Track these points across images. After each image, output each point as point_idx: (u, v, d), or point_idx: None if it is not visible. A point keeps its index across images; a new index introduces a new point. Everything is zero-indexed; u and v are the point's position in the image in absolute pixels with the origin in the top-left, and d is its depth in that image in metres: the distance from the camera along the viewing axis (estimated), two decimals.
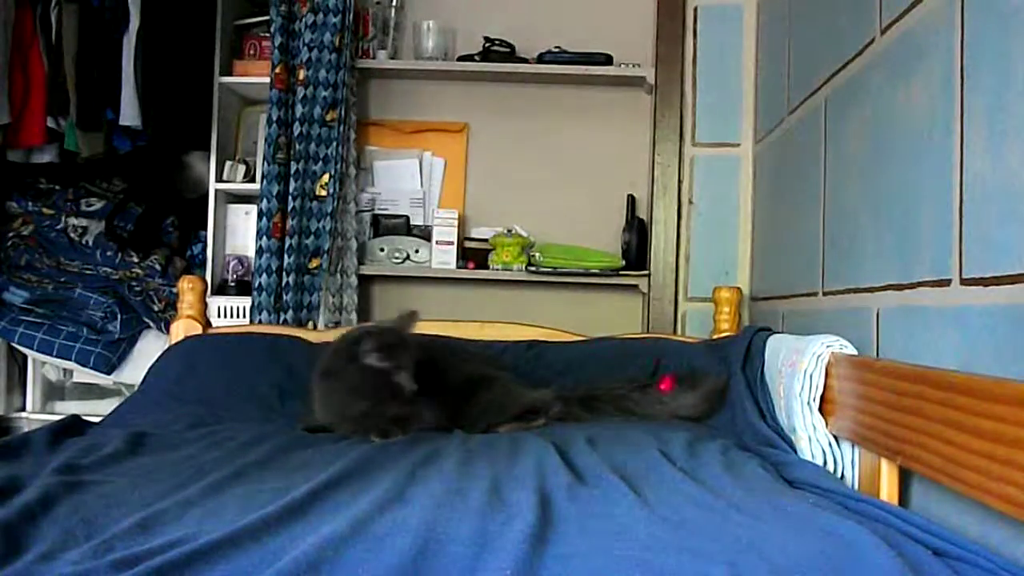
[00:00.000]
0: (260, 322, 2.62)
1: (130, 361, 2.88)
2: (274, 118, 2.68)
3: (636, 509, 1.08)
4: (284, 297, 2.65)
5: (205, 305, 2.39)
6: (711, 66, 2.68)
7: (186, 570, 0.82)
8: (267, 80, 2.71)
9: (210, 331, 2.35)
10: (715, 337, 2.37)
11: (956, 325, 1.20)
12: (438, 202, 2.96)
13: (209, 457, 1.41)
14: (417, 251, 2.82)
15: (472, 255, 2.82)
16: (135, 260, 3.03)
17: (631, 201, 2.81)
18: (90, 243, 3.04)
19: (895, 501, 1.30)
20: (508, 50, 2.85)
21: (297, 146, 2.68)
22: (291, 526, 0.98)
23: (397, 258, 2.82)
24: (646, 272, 2.72)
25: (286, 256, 2.66)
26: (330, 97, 2.70)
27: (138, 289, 2.98)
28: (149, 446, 1.52)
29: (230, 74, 2.88)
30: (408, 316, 1.76)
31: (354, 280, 2.78)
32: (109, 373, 2.87)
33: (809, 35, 2.04)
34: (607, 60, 2.80)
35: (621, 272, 2.72)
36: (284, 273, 2.65)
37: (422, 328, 2.38)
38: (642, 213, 2.81)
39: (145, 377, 2.19)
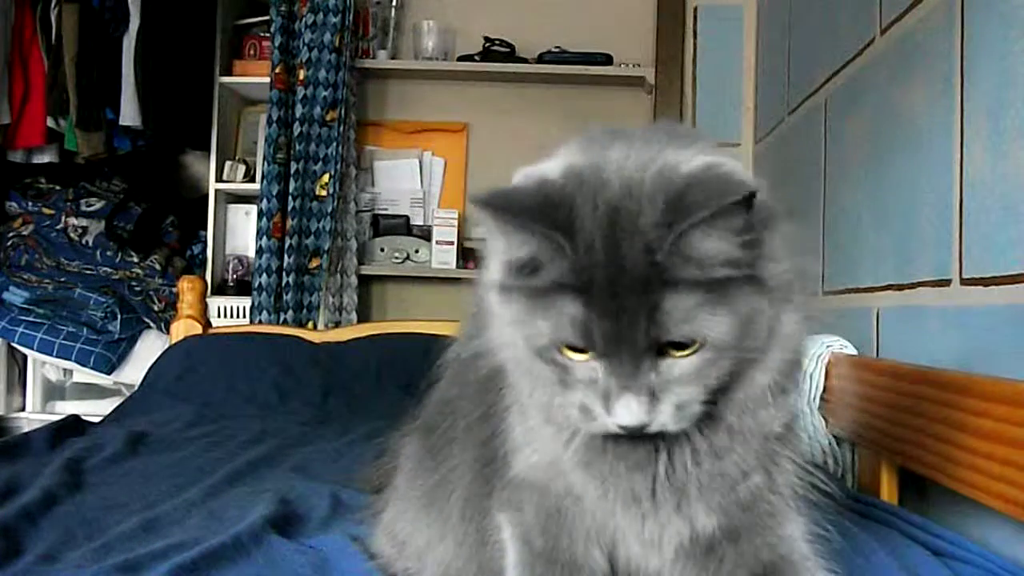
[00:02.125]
0: (260, 322, 2.62)
1: (130, 361, 2.87)
2: (274, 118, 2.68)
3: None
4: (284, 297, 2.65)
5: (205, 305, 2.39)
6: (711, 66, 2.67)
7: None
8: (267, 80, 2.71)
9: (210, 331, 2.35)
10: None
11: (956, 325, 1.20)
12: (438, 202, 2.96)
13: (209, 457, 1.42)
14: (417, 251, 2.82)
15: (472, 255, 2.82)
16: (135, 260, 3.03)
17: None
18: (90, 243, 3.04)
19: (895, 501, 1.30)
20: (508, 50, 2.85)
21: (297, 146, 2.68)
22: (293, 528, 0.98)
23: (397, 258, 2.82)
24: None
25: (286, 256, 2.66)
26: (330, 97, 2.70)
27: (138, 289, 2.98)
28: (149, 446, 1.52)
29: (230, 74, 2.88)
30: None
31: (354, 280, 2.78)
32: (109, 373, 2.86)
33: (809, 35, 2.04)
34: (607, 60, 2.80)
35: None
36: (284, 273, 2.65)
37: (422, 329, 2.39)
38: None
39: (145, 377, 2.19)
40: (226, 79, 2.87)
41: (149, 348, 2.81)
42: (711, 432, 0.60)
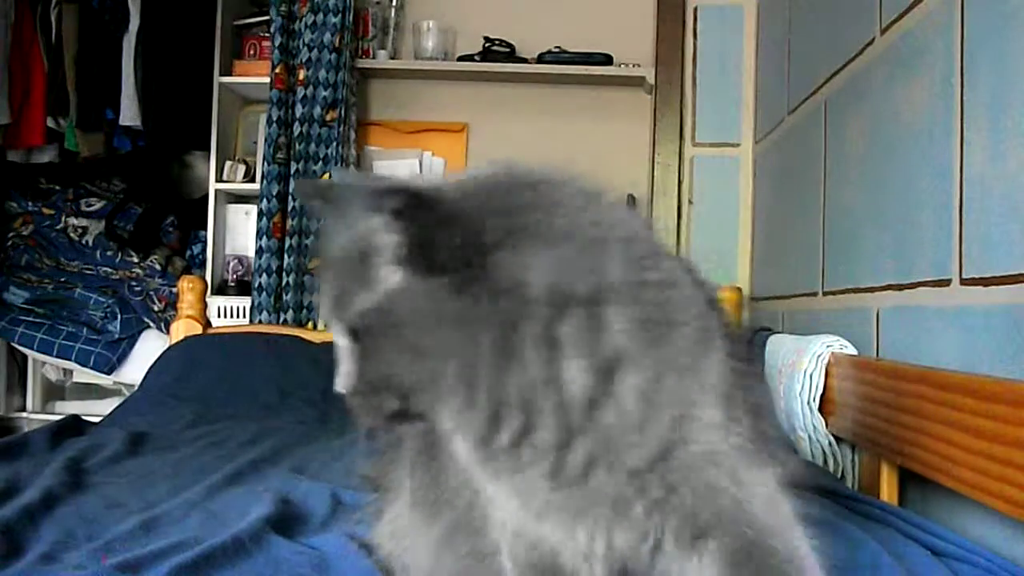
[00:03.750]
0: (260, 322, 2.62)
1: (130, 361, 2.88)
2: (274, 118, 2.68)
3: None
4: (284, 297, 2.65)
5: (205, 305, 2.39)
6: (711, 66, 2.67)
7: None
8: (267, 80, 2.71)
9: (210, 331, 2.35)
10: None
11: (956, 325, 1.20)
12: None
13: (209, 457, 1.41)
14: None
15: None
16: (135, 260, 3.03)
17: (631, 201, 2.81)
18: (90, 243, 3.04)
19: (895, 501, 1.30)
20: (508, 50, 2.85)
21: (297, 146, 2.68)
22: (293, 528, 0.98)
23: None
24: None
25: (286, 256, 2.66)
26: (330, 97, 2.70)
27: (138, 289, 2.98)
28: (149, 446, 1.52)
29: (230, 74, 2.88)
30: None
31: None
32: (109, 373, 2.87)
33: (809, 35, 2.04)
34: (607, 60, 2.80)
35: None
36: (284, 273, 2.65)
37: None
38: (642, 213, 2.81)
39: (145, 377, 2.19)
40: (226, 79, 2.87)
41: (149, 348, 2.81)
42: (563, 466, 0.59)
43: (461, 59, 2.86)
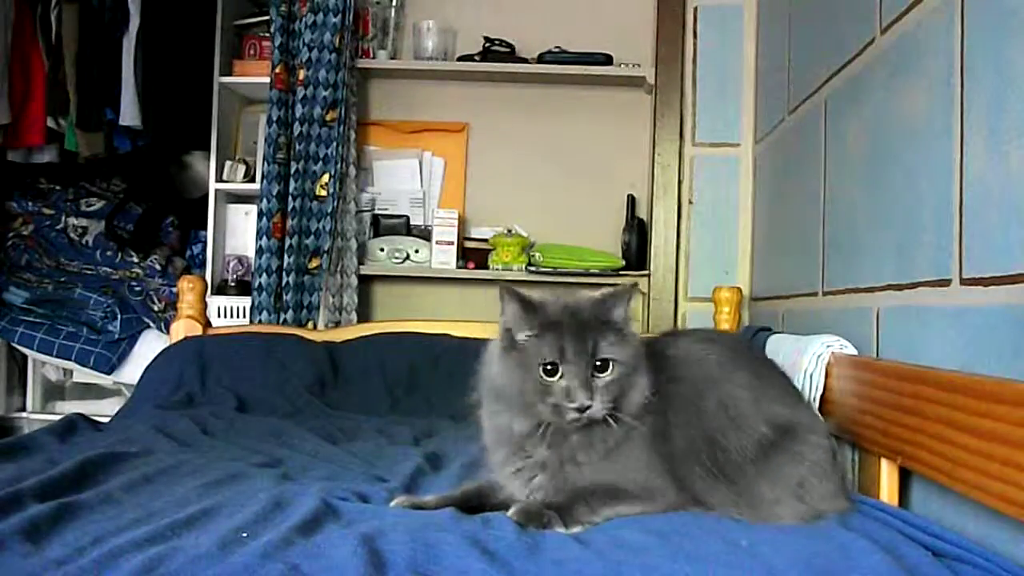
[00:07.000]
0: (260, 322, 2.62)
1: (130, 361, 2.88)
2: (274, 118, 2.68)
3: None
4: (284, 297, 2.65)
5: (205, 305, 2.39)
6: (711, 66, 2.68)
7: None
8: (267, 80, 2.71)
9: (210, 331, 2.35)
10: None
11: (956, 325, 1.20)
12: (438, 202, 2.96)
13: (209, 460, 1.41)
14: (417, 251, 2.82)
15: (472, 255, 2.82)
16: (135, 260, 3.03)
17: (631, 201, 2.81)
18: (90, 243, 3.04)
19: (895, 501, 1.30)
20: (508, 50, 2.85)
21: (297, 146, 2.68)
22: (304, 536, 0.98)
23: (397, 258, 2.82)
24: (646, 272, 2.72)
25: (286, 256, 2.66)
26: (330, 97, 2.70)
27: (138, 289, 2.98)
28: (149, 448, 1.51)
29: (230, 74, 2.88)
30: None
31: (354, 280, 2.78)
32: (109, 373, 2.87)
33: (809, 35, 2.04)
34: (607, 60, 2.80)
35: (621, 272, 2.72)
36: (284, 273, 2.65)
37: (421, 328, 2.39)
38: (642, 213, 2.81)
39: (142, 377, 2.18)
40: (226, 79, 2.87)
41: (149, 348, 2.81)
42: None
43: (461, 59, 2.86)
